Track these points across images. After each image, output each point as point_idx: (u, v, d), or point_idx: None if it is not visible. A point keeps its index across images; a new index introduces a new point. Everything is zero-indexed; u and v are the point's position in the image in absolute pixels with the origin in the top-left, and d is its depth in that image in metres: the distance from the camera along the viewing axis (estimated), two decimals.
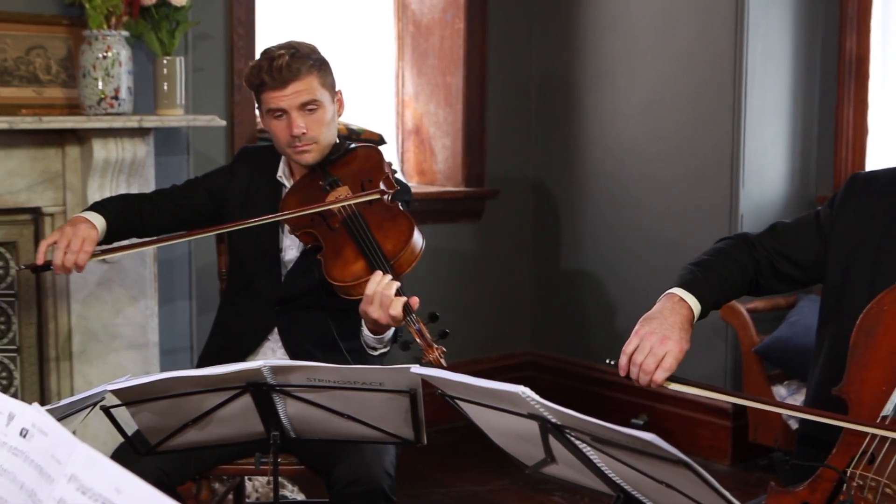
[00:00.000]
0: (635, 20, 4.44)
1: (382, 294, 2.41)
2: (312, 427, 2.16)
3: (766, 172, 4.24)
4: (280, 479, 2.21)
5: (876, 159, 4.19)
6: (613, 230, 4.59)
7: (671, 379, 2.03)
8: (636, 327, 2.09)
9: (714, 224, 4.20)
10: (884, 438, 1.83)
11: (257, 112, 2.77)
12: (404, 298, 2.41)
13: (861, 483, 1.80)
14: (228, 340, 2.76)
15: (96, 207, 2.76)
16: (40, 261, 2.65)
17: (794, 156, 4.32)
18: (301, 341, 2.70)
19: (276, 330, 2.74)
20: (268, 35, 4.11)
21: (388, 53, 4.84)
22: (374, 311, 2.43)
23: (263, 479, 3.62)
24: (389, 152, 4.75)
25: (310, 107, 2.64)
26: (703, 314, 2.15)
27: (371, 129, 4.33)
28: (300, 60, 2.62)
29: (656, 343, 2.03)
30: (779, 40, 4.20)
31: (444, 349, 2.37)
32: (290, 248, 2.77)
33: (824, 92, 4.32)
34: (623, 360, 2.07)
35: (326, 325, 2.69)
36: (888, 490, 1.78)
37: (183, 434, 2.15)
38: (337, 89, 2.74)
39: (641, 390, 4.46)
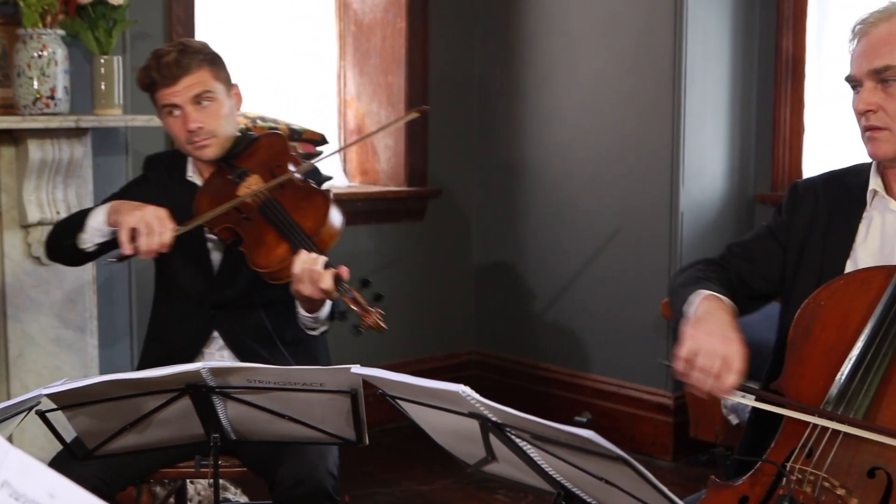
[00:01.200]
0: (576, 20, 4.46)
1: (311, 270, 2.41)
2: (253, 429, 2.14)
3: (706, 171, 4.28)
4: (222, 481, 2.20)
5: (812, 158, 4.26)
6: (556, 229, 4.61)
7: (741, 388, 1.88)
8: (687, 330, 1.94)
9: (654, 223, 4.24)
10: (822, 433, 1.85)
11: (157, 115, 2.74)
12: (333, 270, 2.41)
13: (800, 477, 1.82)
14: (166, 349, 2.73)
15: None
16: (129, 251, 2.53)
17: (733, 155, 4.37)
18: (245, 340, 2.68)
19: (215, 334, 2.71)
20: (207, 34, 4.08)
21: (330, 53, 4.82)
22: (306, 289, 2.42)
23: (206, 482, 3.59)
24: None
25: (203, 101, 2.62)
26: None
27: (313, 129, 4.31)
28: (189, 56, 2.61)
29: (718, 344, 1.89)
30: (717, 41, 4.25)
31: (381, 311, 2.37)
32: (213, 246, 2.74)
33: (762, 92, 4.38)
34: (680, 364, 1.91)
35: (265, 321, 2.67)
36: (826, 483, 1.80)
37: (121, 438, 2.12)
38: (233, 82, 2.72)
39: (585, 388, 4.52)
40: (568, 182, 4.54)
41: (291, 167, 2.66)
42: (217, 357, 2.71)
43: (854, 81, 2.04)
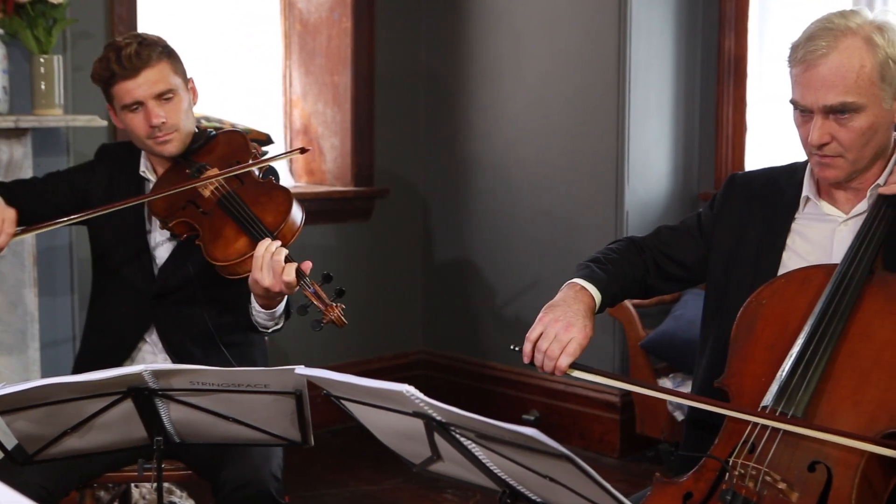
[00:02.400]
0: (522, 19, 4.48)
1: (273, 261, 2.40)
2: (197, 431, 2.12)
3: (650, 170, 4.32)
4: (167, 484, 2.18)
5: (755, 156, 4.31)
6: (503, 228, 4.62)
7: (574, 366, 2.05)
8: (540, 315, 2.10)
9: (600, 221, 4.27)
10: (763, 428, 1.87)
11: (109, 111, 2.69)
12: (296, 263, 2.40)
13: (742, 472, 1.84)
14: (105, 342, 2.70)
15: None
16: None
17: (677, 153, 4.41)
18: (181, 339, 2.66)
19: (153, 328, 2.68)
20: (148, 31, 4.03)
21: (275, 52, 4.79)
22: (266, 279, 2.40)
23: (151, 485, 3.55)
24: (278, 152, 4.69)
25: (166, 95, 2.60)
26: (601, 307, 2.18)
27: (258, 128, 4.28)
28: (149, 48, 2.59)
29: (561, 330, 2.05)
30: (661, 40, 4.29)
31: (343, 306, 2.37)
32: (162, 244, 2.71)
33: (705, 91, 4.42)
34: (527, 346, 2.07)
35: (203, 320, 2.65)
36: (768, 478, 1.82)
37: (62, 442, 2.09)
38: (189, 76, 2.70)
39: (533, 387, 4.54)
40: (515, 181, 4.56)
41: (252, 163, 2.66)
42: (152, 359, 2.68)
43: (803, 109, 2.03)
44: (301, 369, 1.87)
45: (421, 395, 1.62)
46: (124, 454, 2.42)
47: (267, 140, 4.27)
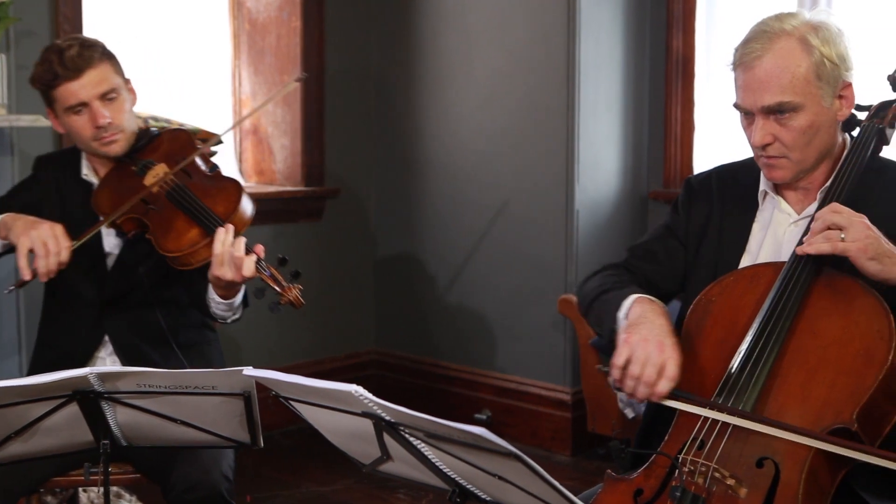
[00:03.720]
0: (471, 18, 4.48)
1: (232, 254, 2.40)
2: (145, 434, 2.10)
3: (600, 169, 4.34)
4: (117, 488, 2.15)
5: (702, 155, 4.34)
6: (454, 227, 4.62)
7: (674, 394, 1.89)
8: (623, 336, 1.96)
9: (550, 220, 4.28)
10: (713, 425, 1.89)
11: (49, 116, 2.66)
12: (254, 255, 2.40)
13: (692, 468, 1.86)
14: (56, 354, 2.66)
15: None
16: (29, 276, 2.46)
17: (627, 152, 4.44)
18: (136, 343, 2.63)
19: (106, 339, 2.66)
20: (96, 33, 3.98)
21: (224, 52, 4.75)
22: (227, 273, 2.42)
23: (99, 490, 3.51)
24: (227, 152, 4.66)
25: (109, 95, 2.58)
26: None
27: (207, 128, 4.23)
28: (90, 49, 2.58)
29: (653, 351, 1.91)
30: (609, 40, 4.31)
31: (300, 287, 2.39)
32: (108, 246, 2.68)
33: (653, 90, 4.45)
34: (616, 373, 1.94)
35: (157, 322, 2.62)
36: (717, 474, 1.83)
37: (7, 447, 2.05)
38: (127, 77, 2.69)
39: (485, 386, 4.54)
40: (466, 180, 4.56)
41: (199, 160, 2.66)
42: (108, 362, 2.65)
43: (744, 111, 2.06)
44: (249, 370, 1.86)
45: (369, 395, 1.62)
46: (71, 458, 2.38)
47: (216, 140, 4.22)
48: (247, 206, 2.58)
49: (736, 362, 1.92)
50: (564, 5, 4.17)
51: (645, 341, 1.93)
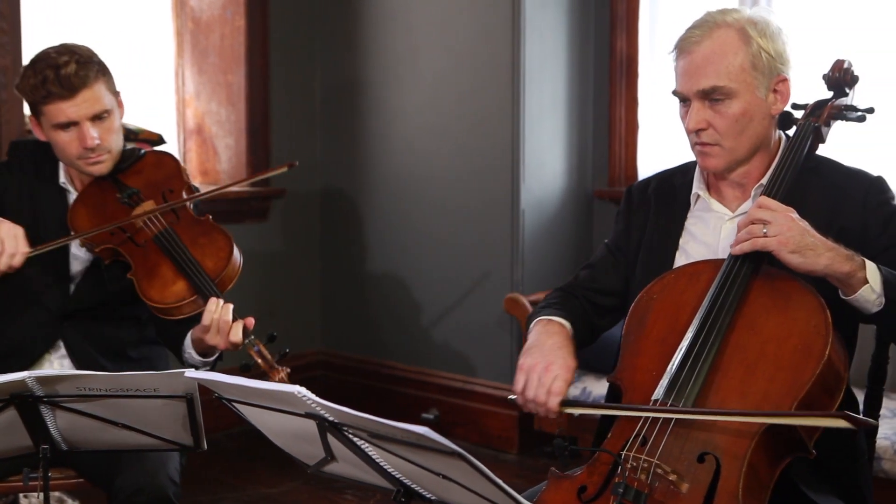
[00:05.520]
0: (416, 18, 4.48)
1: (221, 321, 2.37)
2: (86, 438, 2.08)
3: (546, 169, 4.36)
4: (59, 493, 2.13)
5: (646, 154, 4.38)
6: (400, 227, 4.62)
7: (567, 404, 2.04)
8: (519, 362, 2.09)
9: (497, 220, 4.30)
10: (654, 422, 1.91)
11: (30, 121, 2.59)
12: (242, 322, 2.37)
13: (634, 465, 1.88)
14: (6, 347, 2.61)
15: None
16: None
17: (572, 152, 4.46)
18: (91, 353, 2.60)
19: (60, 343, 2.62)
20: (35, 30, 3.93)
21: (167, 51, 4.71)
22: (213, 339, 2.39)
23: (39, 496, 3.46)
24: (171, 153, 4.60)
25: (101, 116, 2.51)
26: (577, 341, 2.17)
27: (150, 128, 4.20)
28: (86, 66, 2.49)
29: (542, 372, 2.04)
30: (554, 40, 4.33)
31: (288, 370, 2.37)
32: (78, 258, 2.63)
33: (598, 90, 4.48)
34: (518, 399, 2.07)
35: (117, 335, 2.59)
36: (659, 470, 1.85)
37: None
38: (117, 90, 2.62)
39: (432, 386, 4.54)
40: (411, 180, 4.56)
41: (184, 194, 2.59)
42: (57, 366, 2.61)
43: (681, 97, 2.11)
44: (191, 372, 1.85)
45: (312, 396, 1.61)
46: (10, 463, 2.34)
47: (159, 140, 4.19)
48: (236, 259, 2.53)
49: (677, 359, 1.94)
50: (509, 6, 4.19)
51: (535, 365, 2.06)
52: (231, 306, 2.40)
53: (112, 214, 2.55)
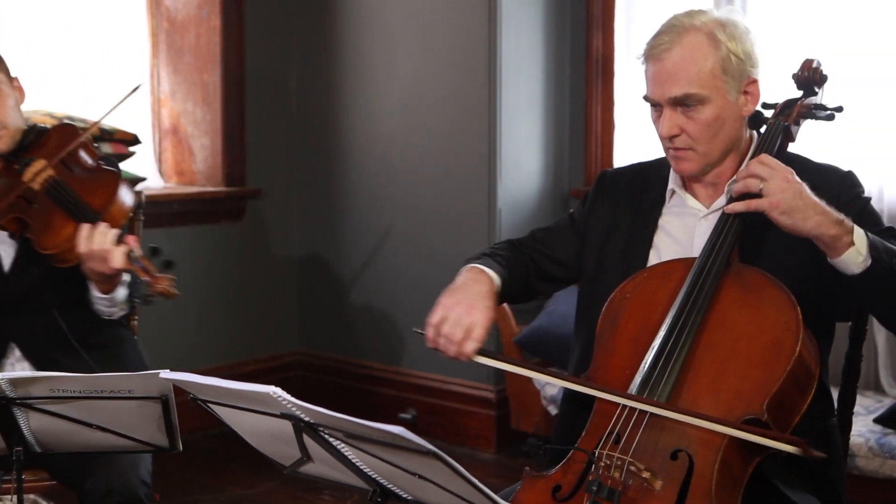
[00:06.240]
0: (393, 18, 4.48)
1: (100, 248, 2.38)
2: (59, 440, 2.07)
3: (522, 168, 4.37)
4: (33, 496, 2.12)
5: (623, 153, 4.39)
6: (377, 227, 4.62)
7: (480, 352, 2.01)
8: (440, 298, 2.07)
9: (473, 219, 4.30)
10: (628, 419, 1.91)
11: None
12: (124, 247, 2.37)
13: (608, 462, 1.88)
14: None
15: None
16: None
17: (548, 152, 4.47)
18: (43, 348, 2.58)
19: (14, 346, 2.60)
20: (9, 30, 3.91)
21: (142, 51, 4.69)
22: (96, 265, 2.40)
23: (12, 498, 3.44)
24: (146, 153, 4.60)
25: None
26: (501, 297, 2.18)
27: (125, 128, 4.18)
28: None
29: (462, 313, 2.02)
30: (530, 40, 4.34)
31: (172, 277, 2.36)
32: (5, 252, 2.63)
33: (574, 90, 4.49)
34: (430, 331, 2.04)
35: (68, 323, 2.58)
36: (632, 468, 1.86)
37: None
38: (13, 76, 2.64)
39: (410, 386, 4.54)
40: (388, 180, 4.56)
41: (83, 152, 2.62)
42: (17, 369, 2.59)
43: (653, 102, 2.12)
44: (166, 373, 1.84)
45: (288, 396, 1.61)
46: None
47: (134, 140, 4.18)
48: (125, 197, 2.56)
49: (650, 357, 1.95)
50: (485, 7, 4.19)
51: (457, 304, 2.04)
52: (112, 232, 2.41)
53: (9, 185, 2.57)
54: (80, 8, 4.41)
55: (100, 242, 2.39)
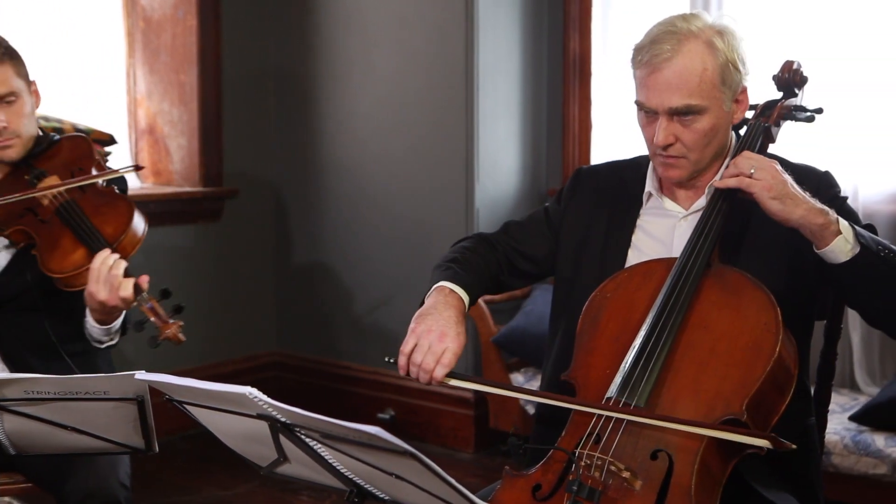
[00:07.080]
0: (370, 17, 4.47)
1: (110, 275, 2.35)
2: (34, 442, 2.05)
3: (500, 167, 4.37)
4: (8, 498, 2.10)
5: (600, 153, 4.40)
6: (354, 227, 4.61)
7: (451, 375, 2.03)
8: (412, 325, 2.07)
9: (451, 219, 4.30)
10: (608, 419, 1.92)
11: None
12: (134, 279, 2.35)
13: (588, 462, 1.88)
14: None
15: None
16: None
17: (526, 151, 4.47)
18: (19, 349, 2.56)
19: None
20: None
21: (118, 50, 4.66)
22: (102, 293, 2.36)
23: None
24: (122, 153, 4.57)
25: (8, 99, 2.51)
26: (471, 303, 2.19)
27: (101, 129, 4.15)
28: None
29: (434, 340, 2.03)
30: (508, 41, 4.34)
31: (181, 324, 2.34)
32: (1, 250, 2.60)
33: (552, 90, 4.49)
34: (402, 360, 2.05)
35: (44, 329, 2.55)
36: (612, 467, 1.86)
37: None
38: (31, 79, 2.61)
39: (388, 386, 4.54)
40: (366, 180, 4.55)
41: (95, 171, 2.59)
42: None
43: (648, 110, 2.08)
44: (141, 374, 1.82)
45: (264, 397, 1.60)
46: None
47: (110, 140, 4.14)
48: (138, 227, 2.53)
49: (630, 357, 1.95)
50: (462, 6, 4.19)
51: (429, 332, 2.04)
52: (124, 263, 2.38)
53: (18, 196, 2.53)
54: (55, 7, 4.38)
55: (115, 269, 2.36)
